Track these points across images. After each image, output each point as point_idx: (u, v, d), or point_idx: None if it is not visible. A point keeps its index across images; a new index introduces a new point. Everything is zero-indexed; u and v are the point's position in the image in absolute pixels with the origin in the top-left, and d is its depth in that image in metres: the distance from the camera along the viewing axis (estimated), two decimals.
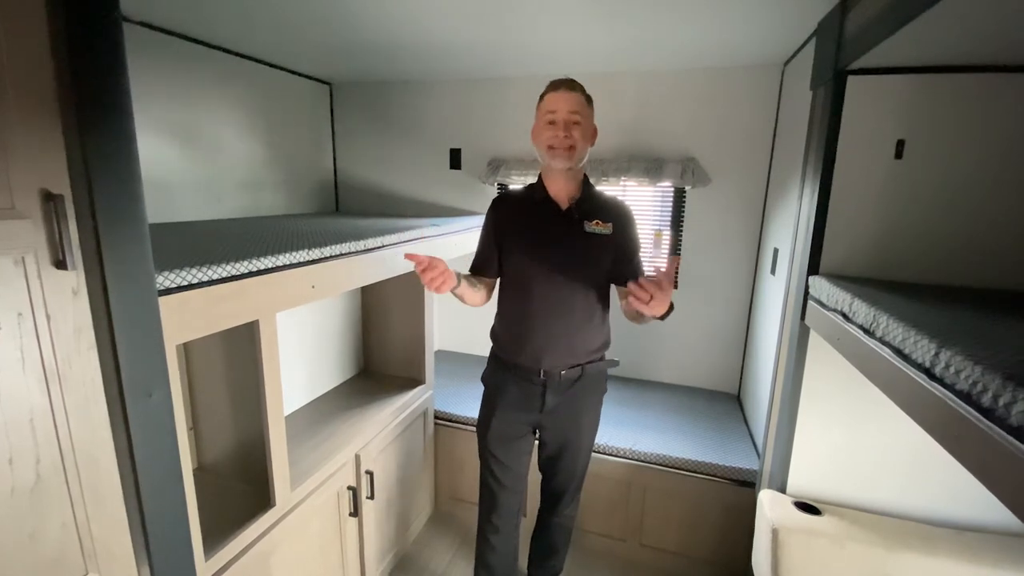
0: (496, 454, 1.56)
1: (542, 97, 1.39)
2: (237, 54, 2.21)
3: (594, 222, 1.42)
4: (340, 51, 2.17)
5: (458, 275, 1.37)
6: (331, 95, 2.87)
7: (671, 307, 1.24)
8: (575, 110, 1.33)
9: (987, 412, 0.66)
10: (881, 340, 0.97)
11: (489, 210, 1.53)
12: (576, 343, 1.45)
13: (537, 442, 1.64)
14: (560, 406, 1.50)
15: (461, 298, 1.45)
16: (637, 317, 1.39)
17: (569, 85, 1.35)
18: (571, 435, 1.55)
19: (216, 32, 1.96)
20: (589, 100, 1.39)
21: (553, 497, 1.68)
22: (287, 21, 1.80)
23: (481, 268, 1.54)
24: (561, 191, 1.44)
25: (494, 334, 1.58)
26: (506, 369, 1.52)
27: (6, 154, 0.67)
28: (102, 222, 0.77)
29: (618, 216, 1.46)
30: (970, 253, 1.38)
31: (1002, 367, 0.66)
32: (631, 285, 1.16)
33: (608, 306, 1.51)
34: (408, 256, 1.23)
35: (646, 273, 1.52)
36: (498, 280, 1.55)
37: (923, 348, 0.82)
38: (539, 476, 1.71)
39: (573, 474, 1.62)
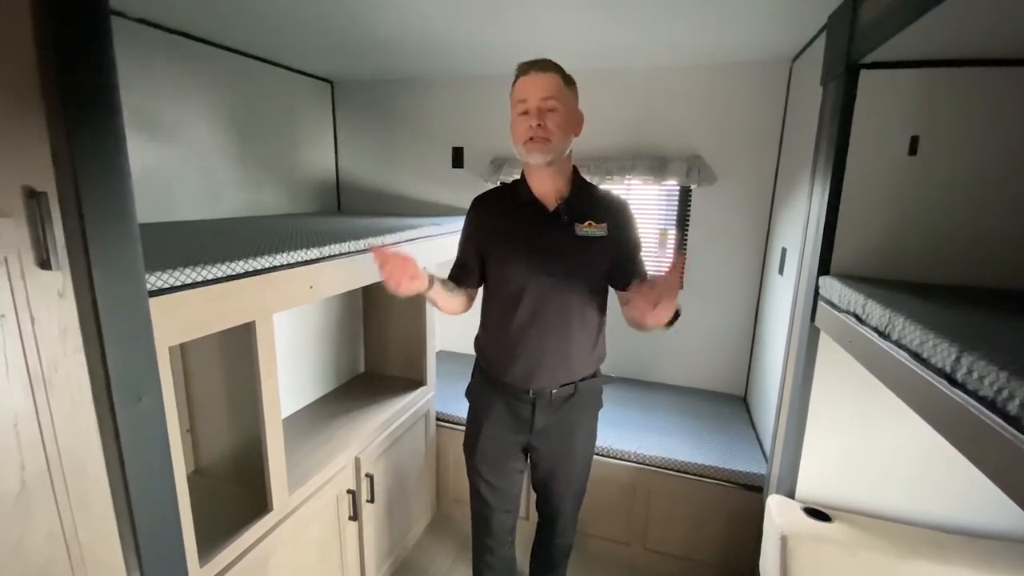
0: (485, 476, 1.45)
1: (513, 84, 1.23)
2: (237, 52, 2.19)
3: (586, 224, 1.26)
4: (341, 49, 2.15)
5: (431, 277, 1.27)
6: (332, 93, 2.85)
7: (677, 313, 1.13)
8: (549, 95, 1.17)
9: (1013, 420, 0.63)
10: (897, 343, 0.93)
11: (468, 213, 1.38)
12: (569, 359, 1.32)
13: (530, 462, 1.52)
14: (551, 426, 1.38)
15: (434, 303, 1.34)
16: (641, 325, 1.23)
17: (540, 66, 1.18)
18: (563, 457, 1.43)
19: (216, 30, 1.94)
20: (569, 82, 1.21)
21: (549, 520, 1.57)
22: (288, 19, 1.77)
23: (460, 278, 1.40)
24: (548, 190, 1.28)
25: (479, 347, 1.45)
26: (492, 385, 1.40)
27: None
28: (89, 221, 0.74)
29: (613, 214, 1.31)
30: (987, 252, 1.34)
31: None
32: (633, 290, 1.06)
33: (604, 315, 1.39)
34: (372, 248, 1.10)
35: (649, 274, 1.37)
36: (480, 288, 1.44)
37: (943, 352, 0.78)
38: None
39: (568, 497, 1.50)
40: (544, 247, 1.28)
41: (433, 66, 2.41)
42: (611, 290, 1.39)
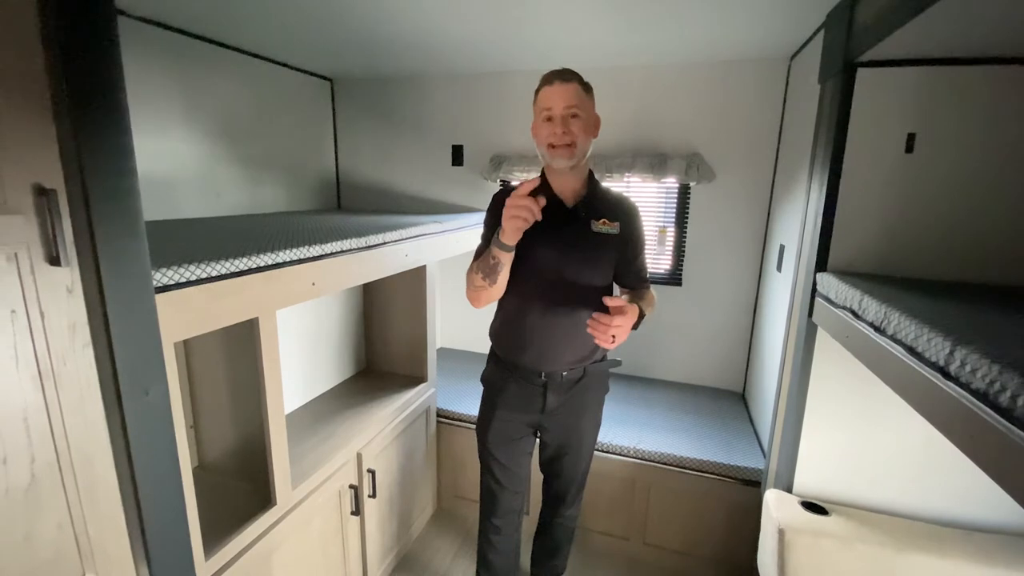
0: (496, 456, 1.53)
1: (537, 92, 1.32)
2: (238, 50, 2.19)
3: (601, 221, 1.37)
4: (341, 47, 2.16)
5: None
6: (332, 91, 2.85)
7: (641, 315, 1.32)
8: (571, 104, 1.25)
9: (1005, 412, 0.64)
10: (892, 338, 0.95)
11: (491, 206, 1.44)
12: (580, 344, 1.41)
13: (538, 443, 1.62)
14: (561, 407, 1.47)
15: (494, 274, 1.30)
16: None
17: (563, 76, 1.27)
18: (572, 436, 1.53)
19: (217, 28, 1.94)
20: (587, 89, 1.30)
21: (555, 499, 1.66)
22: (288, 16, 1.78)
23: None
24: (566, 189, 1.38)
25: (494, 333, 1.53)
26: (506, 369, 1.48)
27: None
28: (96, 218, 0.75)
29: (625, 214, 1.41)
30: (982, 249, 1.36)
31: (1021, 365, 0.64)
32: (591, 321, 1.23)
33: None
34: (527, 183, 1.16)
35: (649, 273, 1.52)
36: None
37: (937, 346, 0.79)
38: (541, 476, 1.69)
39: (575, 476, 1.60)
40: (562, 240, 1.36)
41: (433, 64, 2.41)
42: None
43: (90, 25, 0.74)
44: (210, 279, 1.02)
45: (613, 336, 1.22)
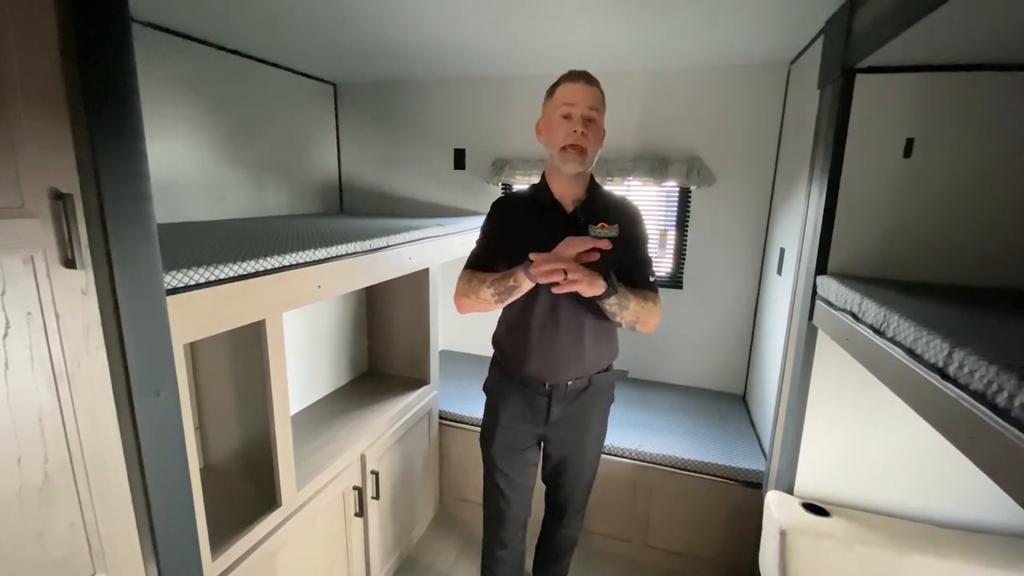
0: (501, 467, 1.51)
1: (554, 89, 1.29)
2: (242, 54, 2.21)
3: (600, 225, 1.33)
4: (344, 51, 2.18)
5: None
6: (335, 95, 2.87)
7: (610, 290, 1.22)
8: (594, 106, 1.25)
9: (1002, 412, 0.66)
10: (892, 340, 0.96)
11: (490, 213, 1.44)
12: (584, 354, 1.39)
13: (542, 453, 1.59)
14: (565, 418, 1.45)
15: (509, 296, 1.30)
16: (631, 324, 1.33)
17: (588, 79, 1.26)
18: (576, 447, 1.50)
19: (221, 33, 1.96)
20: (603, 98, 1.31)
21: (558, 510, 1.63)
22: (293, 23, 1.80)
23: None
24: (566, 193, 1.36)
25: (497, 343, 1.51)
26: (510, 379, 1.46)
27: (15, 153, 0.67)
28: (111, 221, 0.77)
29: (625, 216, 1.37)
30: (980, 252, 1.37)
31: (1018, 366, 0.65)
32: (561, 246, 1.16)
33: None
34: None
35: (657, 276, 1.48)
36: None
37: (936, 348, 0.81)
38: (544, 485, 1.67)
39: (578, 487, 1.57)
40: None
41: (435, 69, 2.44)
42: None
43: (106, 34, 0.75)
44: (219, 282, 1.03)
45: (565, 274, 1.14)
